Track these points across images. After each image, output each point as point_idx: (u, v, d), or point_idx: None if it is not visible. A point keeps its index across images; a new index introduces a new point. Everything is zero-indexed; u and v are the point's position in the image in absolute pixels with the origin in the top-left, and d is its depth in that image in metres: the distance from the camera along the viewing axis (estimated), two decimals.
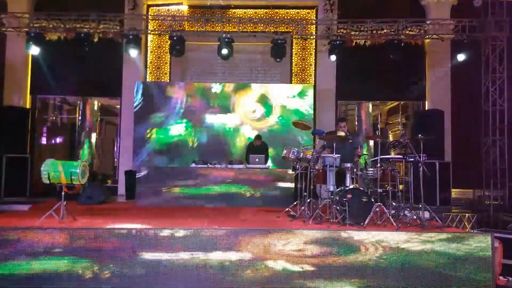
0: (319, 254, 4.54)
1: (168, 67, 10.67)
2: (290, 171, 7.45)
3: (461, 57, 8.74)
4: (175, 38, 8.65)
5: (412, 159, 5.55)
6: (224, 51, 8.69)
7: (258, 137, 8.76)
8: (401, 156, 5.78)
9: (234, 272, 4.51)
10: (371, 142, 9.29)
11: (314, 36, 10.15)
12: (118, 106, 10.54)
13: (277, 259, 4.54)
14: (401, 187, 6.19)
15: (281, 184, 7.50)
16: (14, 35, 9.42)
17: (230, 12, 10.52)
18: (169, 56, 10.48)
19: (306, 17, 10.63)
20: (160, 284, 4.48)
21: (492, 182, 8.52)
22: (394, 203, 5.69)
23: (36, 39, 8.61)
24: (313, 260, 4.54)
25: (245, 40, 9.73)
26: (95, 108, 11.01)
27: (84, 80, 9.99)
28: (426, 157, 5.50)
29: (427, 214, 5.49)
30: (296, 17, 10.57)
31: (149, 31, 9.81)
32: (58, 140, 10.87)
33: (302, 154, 5.93)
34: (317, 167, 5.97)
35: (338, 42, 8.84)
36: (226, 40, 8.65)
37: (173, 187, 7.41)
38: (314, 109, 10.09)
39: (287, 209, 6.35)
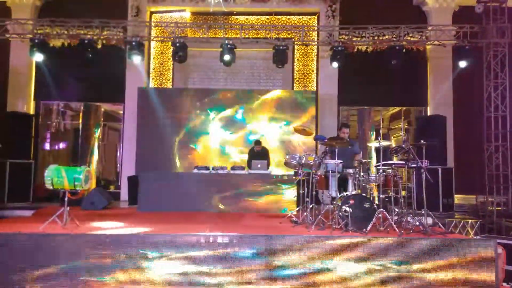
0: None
1: (171, 73, 10.74)
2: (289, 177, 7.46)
3: (462, 63, 8.76)
4: (177, 44, 8.71)
5: (415, 165, 5.55)
6: (226, 57, 8.74)
7: (258, 142, 8.73)
8: (404, 162, 5.78)
9: (236, 277, 4.50)
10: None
11: (316, 42, 10.20)
12: (121, 112, 10.59)
13: (279, 263, 4.53)
14: (403, 193, 6.18)
15: (283, 190, 7.49)
16: (18, 41, 9.50)
17: (232, 19, 10.59)
18: (171, 62, 10.54)
19: (308, 24, 10.68)
20: None
21: (495, 187, 8.50)
22: (396, 209, 5.67)
23: (40, 46, 8.69)
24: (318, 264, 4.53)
25: (247, 46, 9.78)
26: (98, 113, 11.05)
27: (87, 86, 10.05)
28: (428, 163, 5.49)
29: (430, 220, 5.48)
30: (298, 24, 10.63)
31: (152, 38, 9.88)
32: (62, 145, 10.90)
33: (304, 159, 5.94)
34: (319, 173, 5.97)
35: (339, 48, 8.87)
36: (228, 46, 8.71)
37: (176, 192, 7.39)
38: (316, 115, 10.11)
39: (289, 214, 6.35)
